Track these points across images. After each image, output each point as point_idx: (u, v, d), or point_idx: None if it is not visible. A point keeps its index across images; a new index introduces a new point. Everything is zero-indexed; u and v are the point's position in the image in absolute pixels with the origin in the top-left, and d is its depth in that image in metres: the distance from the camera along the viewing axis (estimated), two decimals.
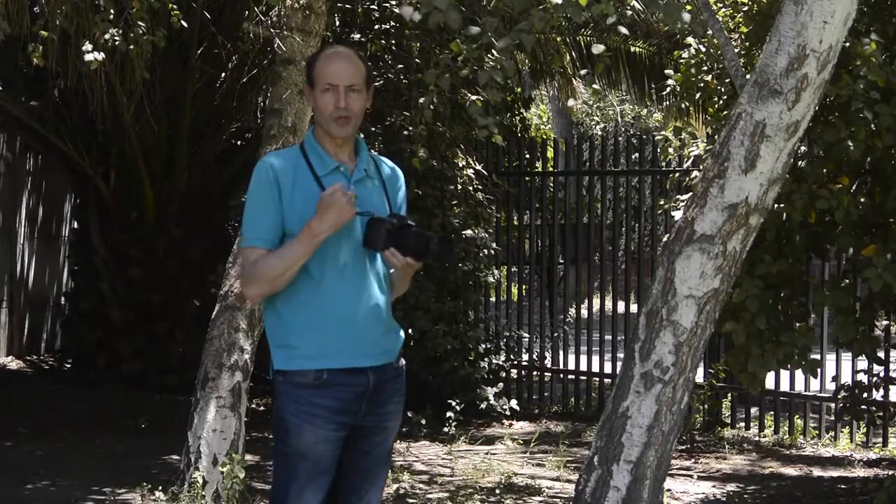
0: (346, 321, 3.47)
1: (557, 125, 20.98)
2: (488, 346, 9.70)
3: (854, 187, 6.21)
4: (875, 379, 7.11)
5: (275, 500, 3.55)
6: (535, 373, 10.00)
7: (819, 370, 7.41)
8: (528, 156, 10.40)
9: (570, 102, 14.47)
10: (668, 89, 7.35)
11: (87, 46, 6.71)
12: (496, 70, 5.36)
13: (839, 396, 7.25)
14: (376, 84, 9.39)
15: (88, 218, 10.60)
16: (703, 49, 6.88)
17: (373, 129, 9.34)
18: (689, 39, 6.94)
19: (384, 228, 3.49)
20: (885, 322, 7.81)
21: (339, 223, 3.42)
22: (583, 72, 11.18)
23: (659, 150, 8.89)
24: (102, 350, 10.40)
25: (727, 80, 6.62)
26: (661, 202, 7.98)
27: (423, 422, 8.70)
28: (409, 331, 9.07)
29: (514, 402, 9.48)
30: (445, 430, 8.29)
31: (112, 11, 6.75)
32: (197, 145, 10.37)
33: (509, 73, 5.45)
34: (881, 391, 7.29)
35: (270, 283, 3.48)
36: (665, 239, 4.83)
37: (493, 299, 10.38)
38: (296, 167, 3.52)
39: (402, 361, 3.70)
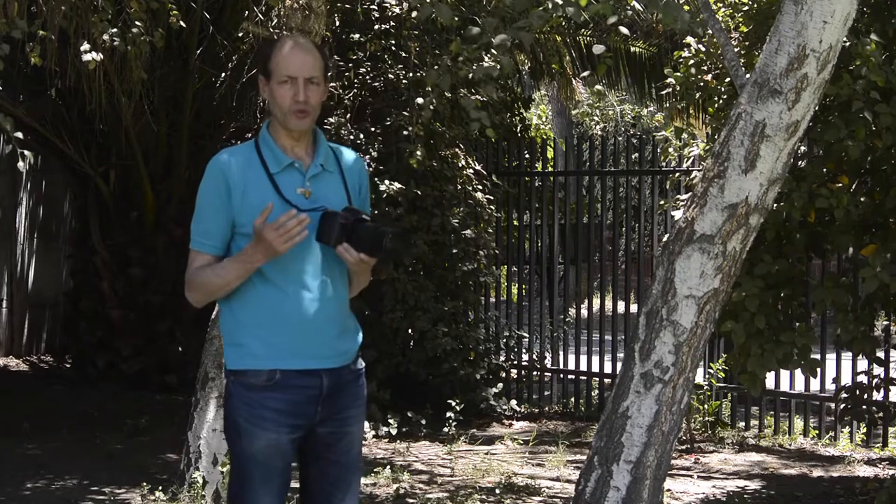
0: (298, 321, 3.38)
1: (557, 125, 20.99)
2: (488, 346, 9.71)
3: (854, 187, 6.21)
4: (875, 380, 7.10)
5: (232, 502, 3.48)
6: (535, 373, 10.00)
7: (819, 370, 7.41)
8: (527, 156, 10.40)
9: (576, 111, 14.51)
10: (668, 89, 7.35)
11: (86, 46, 6.71)
12: (492, 67, 5.36)
13: (840, 397, 7.25)
14: (375, 84, 9.44)
15: (88, 218, 10.61)
16: (703, 49, 6.88)
17: (372, 129, 9.34)
18: (689, 39, 6.94)
19: (337, 223, 3.35)
20: (885, 322, 7.82)
21: (270, 256, 3.31)
22: (584, 73, 11.20)
23: (659, 150, 8.89)
24: (102, 350, 10.40)
25: (727, 80, 6.62)
26: (661, 202, 7.97)
27: (423, 422, 8.71)
28: (409, 331, 9.08)
29: (514, 402, 9.49)
30: (445, 430, 8.29)
31: (110, 12, 6.75)
32: (197, 145, 10.38)
33: (507, 71, 5.44)
34: (881, 391, 7.28)
35: (209, 296, 3.46)
36: (665, 239, 4.83)
37: (493, 299, 10.38)
38: (249, 164, 3.41)
39: (362, 363, 3.57)
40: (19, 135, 6.22)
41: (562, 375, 9.94)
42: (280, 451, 3.38)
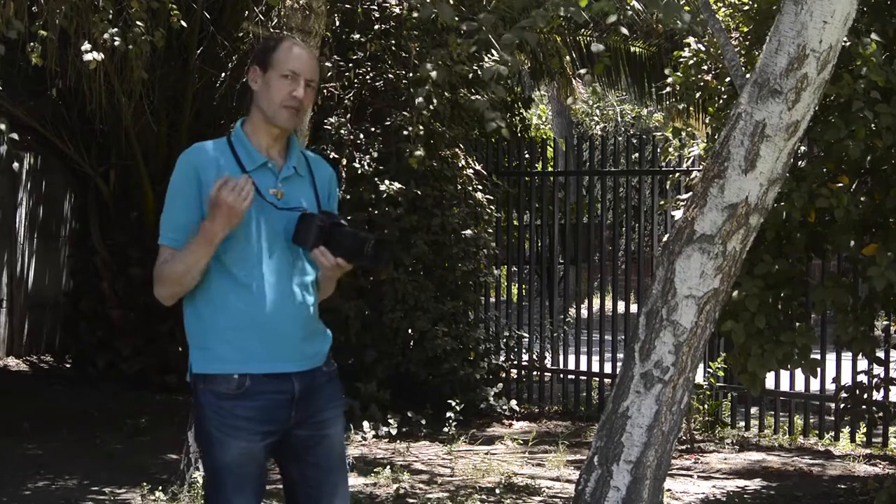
0: (266, 324, 3.32)
1: (557, 125, 20.98)
2: (488, 346, 9.71)
3: (854, 187, 6.20)
4: (875, 379, 7.10)
5: None
6: (535, 373, 10.00)
7: (819, 370, 7.40)
8: (527, 156, 10.40)
9: (571, 101, 14.52)
10: (668, 89, 7.35)
11: (86, 46, 6.71)
12: (500, 66, 5.36)
13: (840, 397, 7.25)
14: (375, 84, 9.44)
15: (88, 218, 10.61)
16: (703, 49, 6.88)
17: (372, 129, 9.34)
18: (689, 39, 6.94)
19: (315, 225, 3.29)
20: (885, 322, 7.81)
21: (232, 221, 3.24)
22: (582, 71, 11.20)
23: (659, 150, 8.89)
24: (102, 350, 10.40)
25: (727, 80, 6.62)
26: (661, 202, 7.95)
27: (423, 422, 8.71)
28: (409, 331, 9.07)
29: (514, 403, 9.49)
30: (445, 430, 8.29)
31: (111, 11, 6.75)
32: None
33: (512, 70, 5.45)
34: (881, 391, 7.29)
35: (176, 286, 3.38)
36: (665, 239, 4.83)
37: (492, 299, 10.38)
38: (221, 161, 3.37)
39: (334, 364, 3.51)
40: (15, 136, 6.21)
41: (562, 375, 9.94)
42: (253, 458, 3.34)
